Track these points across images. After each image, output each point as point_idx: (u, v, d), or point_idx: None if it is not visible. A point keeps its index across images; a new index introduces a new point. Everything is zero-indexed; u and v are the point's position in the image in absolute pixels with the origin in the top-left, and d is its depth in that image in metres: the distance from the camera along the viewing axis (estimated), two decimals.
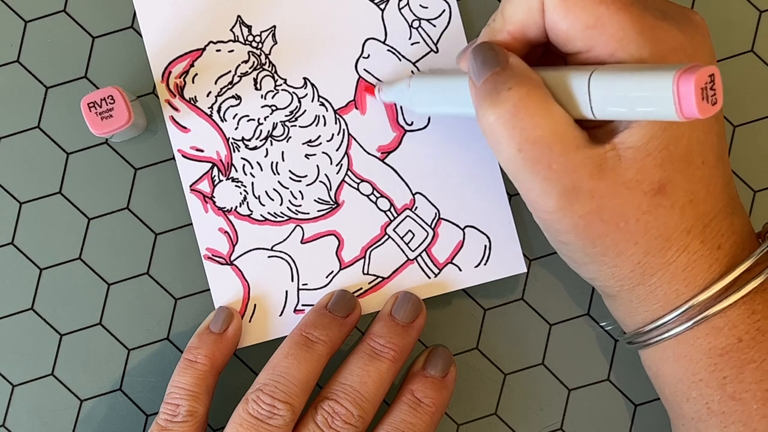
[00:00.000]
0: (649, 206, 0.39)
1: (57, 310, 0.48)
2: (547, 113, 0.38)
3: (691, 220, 0.40)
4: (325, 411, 0.44)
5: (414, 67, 0.48)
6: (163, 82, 0.48)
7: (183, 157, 0.48)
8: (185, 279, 0.48)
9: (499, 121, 0.38)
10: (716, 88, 0.34)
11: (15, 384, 0.48)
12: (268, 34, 0.48)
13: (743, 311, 0.40)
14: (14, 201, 0.49)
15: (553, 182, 0.38)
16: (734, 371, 0.40)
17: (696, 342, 0.41)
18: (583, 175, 0.38)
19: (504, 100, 0.38)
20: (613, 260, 0.40)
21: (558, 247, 0.42)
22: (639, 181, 0.38)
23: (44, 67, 0.49)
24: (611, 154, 0.38)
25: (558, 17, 0.39)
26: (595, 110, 0.37)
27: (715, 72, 0.34)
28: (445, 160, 0.48)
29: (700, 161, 0.39)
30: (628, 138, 0.38)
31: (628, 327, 0.44)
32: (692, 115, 0.34)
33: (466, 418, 0.49)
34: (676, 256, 0.40)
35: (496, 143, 0.39)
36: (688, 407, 0.42)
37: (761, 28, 0.49)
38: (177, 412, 0.44)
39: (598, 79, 0.37)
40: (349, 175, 0.48)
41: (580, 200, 0.38)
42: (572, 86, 0.37)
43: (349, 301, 0.47)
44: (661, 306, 0.41)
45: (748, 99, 0.49)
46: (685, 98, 0.33)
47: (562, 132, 0.38)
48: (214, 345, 0.46)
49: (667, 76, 0.34)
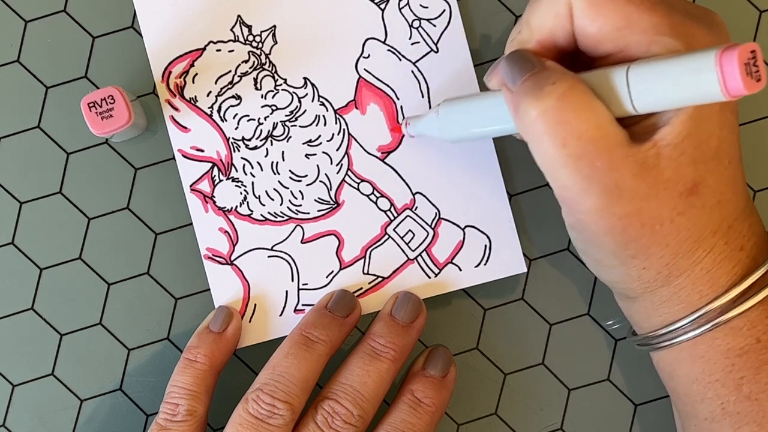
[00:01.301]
0: (683, 207, 0.38)
1: (57, 310, 0.48)
2: (592, 108, 0.37)
3: (719, 220, 0.39)
4: (325, 411, 0.44)
5: (414, 67, 0.48)
6: (164, 82, 0.48)
7: (183, 156, 0.48)
8: (185, 279, 0.48)
9: (543, 116, 0.37)
10: (759, 64, 0.33)
11: (15, 384, 0.48)
12: (268, 34, 0.48)
13: (762, 311, 0.40)
14: (14, 201, 0.49)
15: (595, 180, 0.37)
16: (751, 372, 0.40)
17: (714, 342, 0.41)
18: (626, 174, 0.37)
19: (548, 94, 0.37)
20: (642, 262, 0.40)
21: (586, 250, 0.41)
22: (675, 181, 0.38)
23: (44, 67, 0.49)
24: (652, 152, 0.37)
25: (587, 21, 0.38)
26: (635, 103, 0.36)
27: (756, 48, 0.33)
28: (445, 160, 0.48)
29: (727, 161, 0.39)
30: (667, 135, 0.37)
31: (643, 329, 0.43)
32: (738, 92, 0.33)
33: (466, 418, 0.49)
34: (702, 257, 0.40)
35: (538, 140, 0.38)
36: (703, 408, 0.42)
37: (761, 28, 0.49)
38: (177, 412, 0.44)
39: (636, 72, 0.36)
40: (350, 175, 0.48)
41: (620, 201, 0.38)
42: (611, 82, 0.37)
43: (349, 301, 0.47)
44: (683, 307, 0.41)
45: (748, 99, 0.49)
46: (729, 75, 0.33)
47: (606, 128, 0.37)
48: (213, 344, 0.46)
49: (709, 55, 0.33)
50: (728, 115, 0.39)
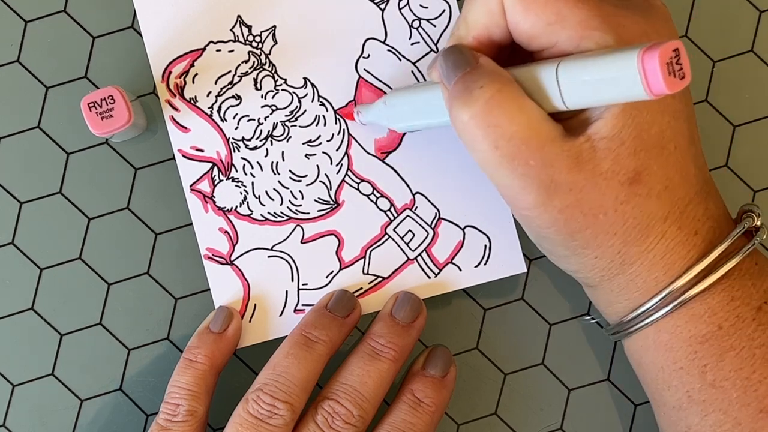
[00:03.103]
0: (626, 196, 0.39)
1: (57, 310, 0.48)
2: (521, 108, 0.38)
3: (668, 206, 0.40)
4: (325, 411, 0.44)
5: (414, 67, 0.48)
6: (163, 82, 0.48)
7: (183, 157, 0.48)
8: (185, 279, 0.48)
9: (473, 120, 0.38)
10: (683, 62, 0.33)
11: (15, 384, 0.48)
12: (268, 34, 0.48)
13: (722, 298, 0.40)
14: (14, 201, 0.49)
15: (531, 178, 0.38)
16: (714, 359, 0.41)
17: (676, 330, 0.41)
18: (561, 168, 0.38)
19: (476, 99, 0.38)
20: (593, 252, 0.40)
21: (538, 242, 0.42)
22: (615, 171, 0.38)
23: (44, 67, 0.49)
24: (586, 145, 0.38)
25: (519, 17, 0.39)
26: (566, 100, 0.37)
27: (680, 46, 0.33)
28: (445, 160, 0.48)
29: (673, 147, 0.40)
30: (601, 128, 0.38)
31: (610, 317, 0.44)
32: (661, 91, 0.33)
33: (466, 418, 0.49)
34: (654, 243, 0.40)
35: (472, 143, 0.39)
36: (670, 395, 0.42)
37: (761, 28, 0.49)
38: (177, 412, 0.44)
39: (565, 69, 0.37)
40: (349, 175, 0.48)
41: (559, 194, 0.38)
42: (541, 80, 0.37)
43: (349, 301, 0.47)
44: (641, 294, 0.41)
45: (748, 99, 0.49)
46: (651, 74, 0.33)
47: (537, 126, 0.38)
48: (213, 345, 0.46)
49: (632, 55, 0.34)
50: (670, 101, 0.39)
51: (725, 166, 0.49)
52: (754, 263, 0.41)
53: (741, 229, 0.41)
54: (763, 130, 0.49)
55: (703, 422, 0.41)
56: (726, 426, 0.41)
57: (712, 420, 0.41)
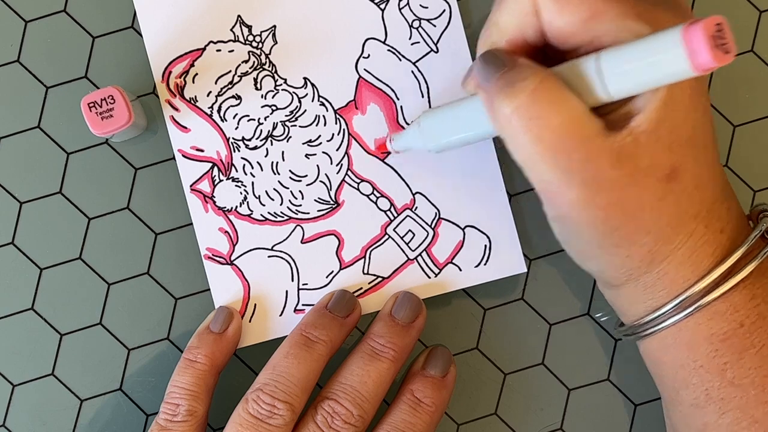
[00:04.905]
0: (663, 193, 0.38)
1: (57, 310, 0.48)
2: (565, 101, 0.37)
3: (698, 204, 0.40)
4: (325, 411, 0.44)
5: (414, 67, 0.48)
6: (164, 82, 0.48)
7: (183, 157, 0.48)
8: (185, 279, 0.48)
9: (516, 112, 0.37)
10: (726, 36, 0.33)
11: (15, 384, 0.48)
12: (268, 34, 0.48)
13: (744, 296, 0.40)
14: (14, 201, 0.49)
15: (573, 173, 0.37)
16: (734, 357, 0.40)
17: (698, 328, 0.41)
18: (604, 164, 0.37)
19: (520, 91, 0.37)
20: (625, 250, 0.40)
21: (569, 241, 0.42)
22: (654, 167, 0.38)
23: (44, 67, 0.49)
24: (629, 140, 0.37)
25: (554, 16, 0.39)
26: (610, 89, 0.36)
27: (722, 21, 0.33)
28: (445, 160, 0.48)
29: (703, 144, 0.39)
30: (642, 122, 0.37)
31: (629, 317, 0.43)
32: (707, 65, 0.33)
33: (466, 418, 0.49)
34: (683, 242, 0.40)
35: (514, 137, 0.38)
36: (687, 394, 0.42)
37: (761, 28, 0.49)
38: (177, 412, 0.44)
39: (606, 58, 0.36)
40: (350, 175, 0.48)
41: (602, 191, 0.38)
42: (583, 72, 0.37)
43: (349, 301, 0.47)
44: (666, 293, 0.41)
45: (748, 99, 0.49)
46: (696, 48, 0.33)
47: (581, 120, 0.37)
48: (214, 345, 0.46)
49: (675, 32, 0.33)
50: (700, 99, 0.39)
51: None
52: None
53: (761, 230, 0.41)
54: (763, 130, 0.49)
55: (721, 420, 0.41)
56: (743, 424, 0.41)
57: (730, 418, 0.41)
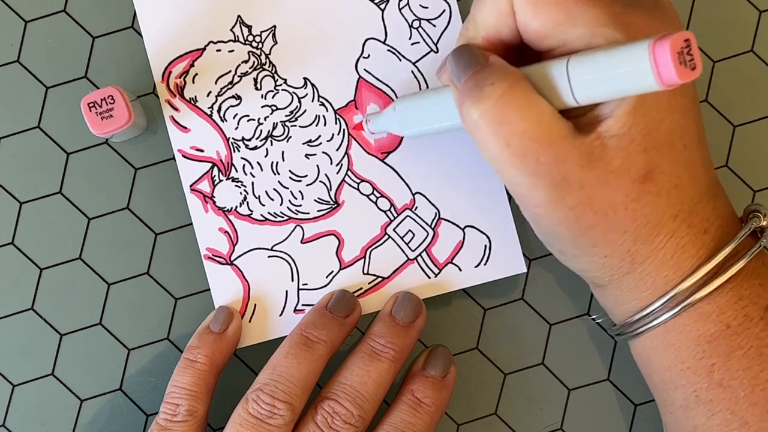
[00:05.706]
0: (637, 193, 0.39)
1: (57, 310, 0.48)
2: (532, 105, 0.37)
3: (678, 205, 0.40)
4: (325, 411, 0.44)
5: (414, 67, 0.48)
6: (163, 82, 0.48)
7: (183, 157, 0.48)
8: (185, 279, 0.48)
9: (483, 117, 0.38)
10: (693, 53, 0.33)
11: (15, 384, 0.48)
12: (268, 34, 0.48)
13: (731, 297, 0.40)
14: (14, 201, 0.49)
15: (542, 175, 0.38)
16: (722, 358, 0.41)
17: (685, 329, 0.41)
18: (572, 166, 0.38)
19: (487, 96, 0.38)
20: (603, 250, 0.40)
21: (548, 241, 0.42)
22: (626, 168, 0.38)
23: (44, 67, 0.49)
24: (597, 143, 0.38)
25: (529, 18, 0.39)
26: (576, 96, 0.37)
27: (690, 37, 0.33)
28: (445, 160, 0.48)
29: (682, 145, 0.40)
30: (611, 126, 0.38)
31: (617, 317, 0.44)
32: (672, 81, 0.33)
33: (466, 418, 0.49)
34: (664, 242, 0.40)
35: (482, 140, 0.38)
36: (677, 395, 0.42)
37: (761, 28, 0.49)
38: (177, 412, 0.44)
39: (575, 64, 0.37)
40: (349, 175, 0.48)
41: (570, 192, 0.38)
42: (552, 76, 0.37)
43: (349, 301, 0.47)
44: (650, 293, 0.41)
45: (748, 99, 0.49)
46: (662, 64, 0.33)
47: (548, 123, 0.37)
48: (214, 345, 0.46)
49: (643, 45, 0.34)
50: (679, 99, 0.39)
51: (725, 166, 0.49)
52: (761, 263, 0.41)
53: (748, 229, 0.41)
54: (763, 130, 0.49)
55: (710, 422, 0.41)
56: (733, 425, 0.41)
57: (719, 419, 0.41)
